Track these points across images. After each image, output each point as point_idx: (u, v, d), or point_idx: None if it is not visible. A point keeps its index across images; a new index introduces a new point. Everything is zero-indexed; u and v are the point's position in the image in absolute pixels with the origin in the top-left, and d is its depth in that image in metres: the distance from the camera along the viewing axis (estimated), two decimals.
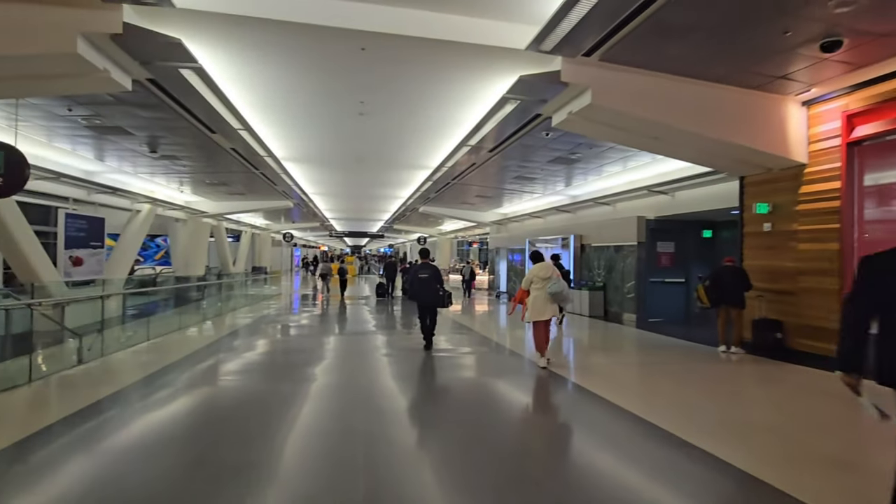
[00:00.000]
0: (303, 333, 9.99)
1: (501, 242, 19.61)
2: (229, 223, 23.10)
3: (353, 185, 16.08)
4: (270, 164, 11.44)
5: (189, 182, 14.14)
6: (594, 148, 8.99)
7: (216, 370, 6.40)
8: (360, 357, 7.31)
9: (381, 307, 14.96)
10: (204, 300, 14.65)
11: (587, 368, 6.73)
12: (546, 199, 15.42)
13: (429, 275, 7.59)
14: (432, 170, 12.44)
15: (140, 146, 9.34)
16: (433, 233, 31.02)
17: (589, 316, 11.74)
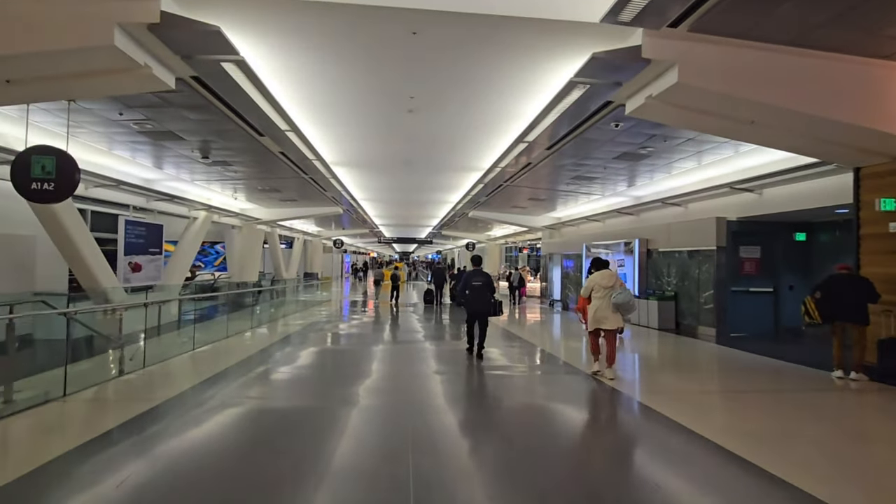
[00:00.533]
0: (352, 343, 9.54)
1: (555, 248, 18.56)
2: (282, 230, 23.47)
3: (402, 189, 15.68)
4: (319, 169, 11.19)
5: (242, 189, 14.25)
6: (669, 140, 7.97)
7: (266, 378, 6.00)
8: (410, 368, 6.71)
9: (429, 315, 14.41)
10: (258, 305, 14.71)
11: (662, 392, 5.75)
12: (605, 201, 14.31)
13: (483, 283, 7.36)
14: (483, 171, 11.76)
15: (192, 152, 9.30)
16: (482, 238, 30.29)
17: (658, 329, 10.57)
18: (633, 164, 9.90)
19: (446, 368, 6.94)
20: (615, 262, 12.91)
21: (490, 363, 7.07)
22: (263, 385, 5.81)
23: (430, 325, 12.13)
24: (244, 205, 16.95)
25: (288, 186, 13.86)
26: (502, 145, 9.31)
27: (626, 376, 6.37)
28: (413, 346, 9.01)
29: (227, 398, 5.06)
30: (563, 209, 17.42)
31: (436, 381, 6.14)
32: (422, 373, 6.64)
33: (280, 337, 9.67)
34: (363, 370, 6.72)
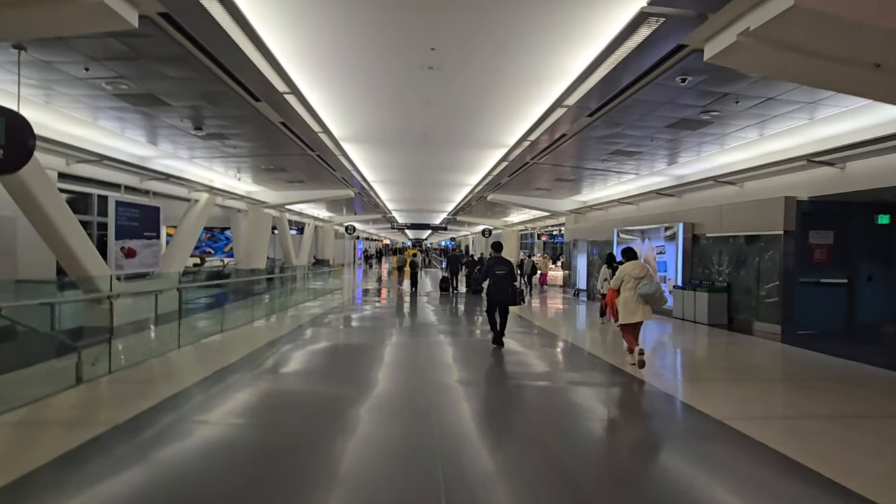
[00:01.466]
0: (369, 338, 8.45)
1: (579, 234, 17.23)
2: (292, 214, 22.46)
3: (417, 169, 14.45)
4: (326, 144, 10.03)
5: (246, 169, 13.15)
6: (742, 101, 6.58)
7: (262, 388, 4.93)
8: (431, 369, 5.57)
9: (445, 303, 13.30)
10: (266, 294, 13.72)
11: (748, 414, 4.51)
12: (640, 182, 12.91)
13: (505, 271, 7.08)
14: (508, 148, 10.47)
15: (182, 122, 8.18)
16: (498, 224, 28.99)
17: (708, 324, 9.28)
18: (682, 137, 8.51)
19: (472, 376, 5.79)
20: (654, 249, 11.60)
21: (528, 370, 5.89)
22: (257, 401, 4.70)
23: (447, 315, 11.00)
24: (250, 187, 15.89)
25: (295, 166, 12.73)
26: (535, 113, 8.02)
27: (690, 384, 5.16)
28: (436, 338, 7.87)
29: (190, 428, 3.88)
30: (589, 192, 16.03)
31: (460, 391, 5.00)
32: (446, 382, 5.50)
33: (285, 331, 8.64)
34: (379, 372, 5.61)
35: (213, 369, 5.50)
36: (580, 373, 6.07)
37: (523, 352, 7.26)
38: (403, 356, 6.92)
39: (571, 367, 6.50)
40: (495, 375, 5.88)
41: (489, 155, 11.77)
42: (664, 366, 6.50)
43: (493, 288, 7.12)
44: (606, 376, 5.71)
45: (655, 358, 7.19)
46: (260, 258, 16.63)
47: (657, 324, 10.26)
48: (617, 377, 5.62)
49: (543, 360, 6.84)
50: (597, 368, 6.16)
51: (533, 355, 7.14)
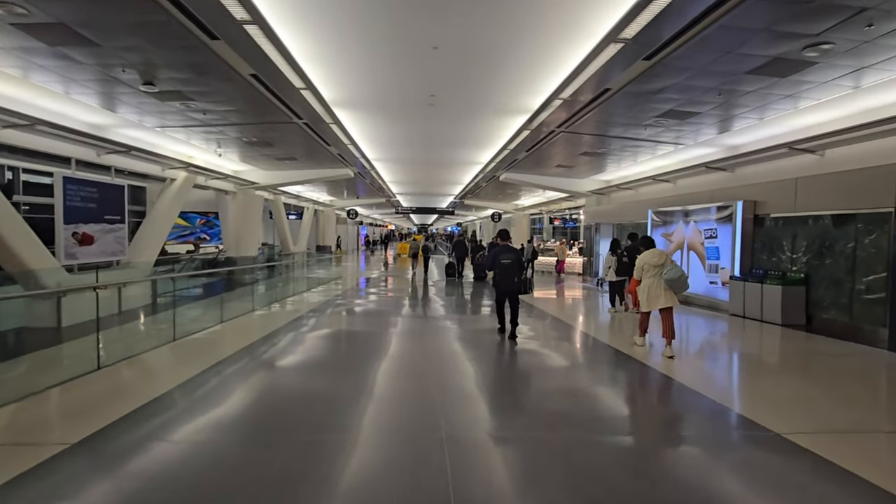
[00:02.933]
0: (380, 337, 6.78)
1: (602, 217, 15.40)
2: (289, 198, 20.73)
3: (423, 145, 12.62)
4: (314, 109, 8.24)
5: (229, 143, 11.35)
6: (879, 24, 4.68)
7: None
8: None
9: (452, 290, 11.66)
10: (258, 284, 12.12)
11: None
12: (681, 156, 11.02)
13: (512, 259, 6.65)
14: (532, 112, 8.63)
15: (125, 72, 6.39)
16: (508, 208, 27.13)
17: (782, 324, 7.49)
18: (762, 89, 6.62)
19: (486, 371, 4.10)
20: (700, 233, 9.77)
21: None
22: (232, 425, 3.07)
23: (454, 301, 9.31)
24: (237, 166, 14.13)
25: (283, 139, 10.95)
26: (573, 60, 6.18)
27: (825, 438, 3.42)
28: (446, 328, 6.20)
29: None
30: (615, 169, 14.13)
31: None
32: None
33: (268, 331, 7.00)
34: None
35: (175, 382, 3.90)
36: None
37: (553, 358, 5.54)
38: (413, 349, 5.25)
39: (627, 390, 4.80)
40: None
41: (507, 124, 9.92)
42: (762, 394, 4.75)
43: (500, 277, 6.63)
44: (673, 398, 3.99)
45: (741, 379, 5.47)
46: (250, 245, 14.97)
47: (707, 320, 8.51)
48: (684, 396, 3.88)
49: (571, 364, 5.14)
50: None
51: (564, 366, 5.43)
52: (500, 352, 6.21)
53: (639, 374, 5.24)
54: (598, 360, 6.00)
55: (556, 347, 6.65)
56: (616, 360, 5.81)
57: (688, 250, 10.12)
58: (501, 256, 6.64)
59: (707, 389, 4.53)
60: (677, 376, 4.95)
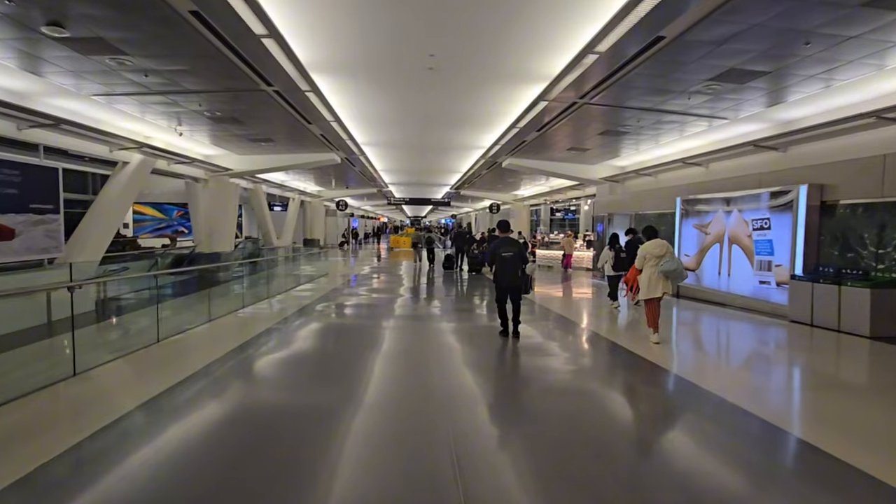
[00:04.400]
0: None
1: (616, 206, 13.84)
2: (271, 187, 18.90)
3: (419, 126, 10.92)
4: (283, 68, 6.51)
5: (190, 119, 9.53)
6: None
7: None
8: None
9: (451, 283, 10.11)
10: (233, 282, 10.43)
11: None
12: (714, 136, 9.44)
13: (514, 253, 6.03)
14: (552, 79, 6.99)
15: (8, 2, 4.63)
16: (507, 199, 25.50)
17: (870, 337, 5.96)
18: (856, 39, 5.04)
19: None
20: (747, 223, 8.22)
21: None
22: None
23: (459, 296, 7.74)
24: (207, 149, 12.33)
25: (253, 115, 9.19)
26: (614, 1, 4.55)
27: None
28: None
29: None
30: (631, 153, 12.54)
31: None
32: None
33: (235, 344, 5.38)
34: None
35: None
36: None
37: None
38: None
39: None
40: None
41: (518, 95, 8.26)
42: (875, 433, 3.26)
43: (501, 272, 6.04)
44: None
45: (832, 408, 3.95)
46: (224, 239, 13.20)
47: (761, 328, 6.98)
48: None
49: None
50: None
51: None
52: (506, 355, 5.40)
53: (679, 391, 4.39)
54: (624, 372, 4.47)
55: (571, 354, 5.07)
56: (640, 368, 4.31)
57: (729, 244, 8.57)
58: (502, 249, 6.04)
59: (783, 420, 3.45)
60: (743, 402, 3.53)
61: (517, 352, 5.64)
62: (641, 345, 5.79)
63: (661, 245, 5.85)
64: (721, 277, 8.81)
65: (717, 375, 5.01)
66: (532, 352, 5.67)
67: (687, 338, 7.01)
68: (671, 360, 5.22)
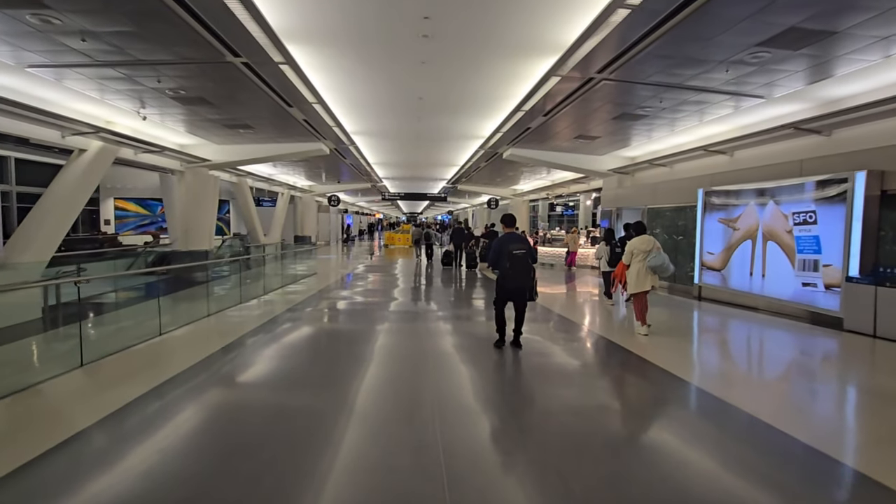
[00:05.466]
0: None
1: (625, 200, 12.78)
2: (257, 181, 17.70)
3: (412, 112, 9.78)
4: (247, 29, 5.37)
5: (154, 100, 8.34)
6: None
7: None
8: None
9: (450, 280, 9.08)
10: (214, 283, 9.34)
11: None
12: (741, 119, 8.39)
13: (524, 251, 5.31)
14: (568, 47, 5.89)
15: None
16: (506, 194, 24.39)
17: None
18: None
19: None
20: (787, 217, 7.16)
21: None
22: None
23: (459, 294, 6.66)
24: (181, 138, 11.15)
25: (223, 95, 8.02)
26: None
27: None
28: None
29: None
30: (643, 142, 11.47)
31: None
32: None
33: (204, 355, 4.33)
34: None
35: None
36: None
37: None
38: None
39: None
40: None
41: (526, 71, 7.15)
42: None
43: (510, 272, 5.32)
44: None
45: None
46: (202, 236, 12.03)
47: (808, 339, 5.95)
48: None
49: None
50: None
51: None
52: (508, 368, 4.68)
53: (709, 410, 3.79)
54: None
55: (580, 363, 4.02)
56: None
57: (764, 241, 7.52)
58: (511, 245, 5.27)
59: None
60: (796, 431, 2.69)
61: (519, 363, 4.61)
62: (659, 354, 4.78)
63: (648, 241, 6.03)
64: (753, 278, 7.77)
65: (754, 393, 4.06)
66: (540, 366, 4.62)
67: (714, 346, 6.00)
68: (692, 371, 4.26)
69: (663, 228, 10.72)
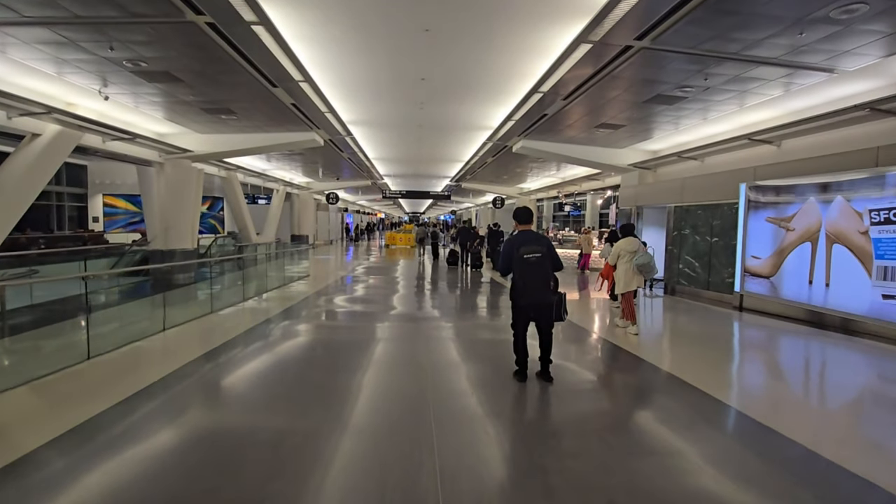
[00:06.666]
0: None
1: (649, 198, 11.56)
2: (251, 176, 16.53)
3: (413, 95, 8.58)
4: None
5: (117, 77, 7.16)
6: None
7: None
8: None
9: (454, 286, 7.97)
10: (196, 286, 8.22)
11: None
12: (793, 103, 7.18)
13: (541, 254, 4.00)
14: (601, 8, 4.71)
15: None
16: (512, 192, 23.18)
17: None
18: None
19: None
20: (860, 215, 5.93)
21: None
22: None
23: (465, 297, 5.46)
24: (159, 126, 9.99)
25: (193, 67, 6.83)
26: None
27: None
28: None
29: None
30: (670, 133, 10.24)
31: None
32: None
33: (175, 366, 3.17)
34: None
35: None
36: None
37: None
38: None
39: None
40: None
41: (547, 42, 5.96)
42: None
43: (524, 283, 3.96)
44: None
45: None
46: (184, 234, 10.87)
47: (887, 360, 4.75)
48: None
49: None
50: None
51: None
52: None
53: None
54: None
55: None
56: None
57: (828, 244, 6.30)
58: (524, 248, 4.01)
59: None
60: None
61: (548, 405, 3.42)
62: (702, 377, 3.61)
63: (634, 242, 6.20)
64: (813, 287, 6.54)
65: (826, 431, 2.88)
66: (580, 415, 3.42)
67: (792, 371, 4.79)
68: (744, 399, 3.11)
69: (693, 229, 9.50)
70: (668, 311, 8.12)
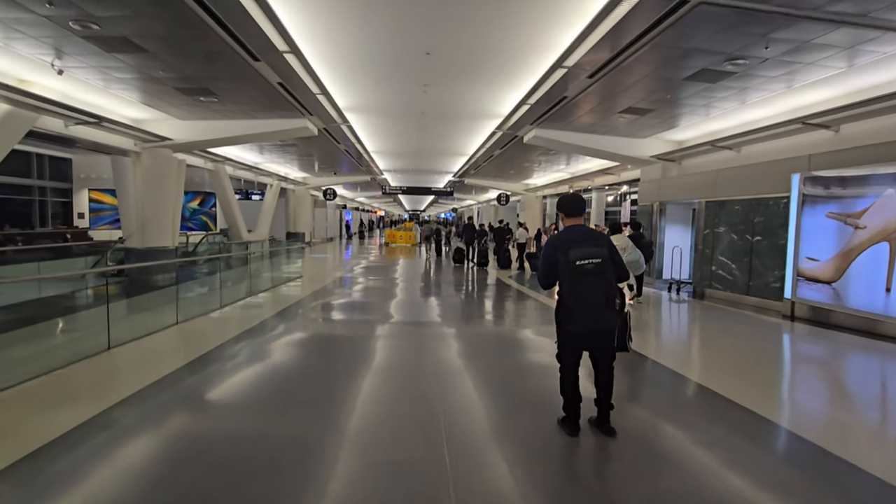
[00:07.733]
0: None
1: (675, 192, 10.52)
2: (241, 169, 15.45)
3: (415, 73, 7.49)
4: None
5: (71, 44, 6.08)
6: None
7: None
8: None
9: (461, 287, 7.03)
10: (175, 288, 7.18)
11: None
12: (856, 80, 6.12)
13: (603, 258, 2.85)
14: None
15: None
16: (517, 189, 22.10)
17: None
18: None
19: None
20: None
21: None
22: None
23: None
24: (135, 111, 8.92)
25: (154, 31, 5.76)
26: None
27: None
28: None
29: None
30: (699, 121, 9.18)
31: None
32: None
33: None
34: None
35: None
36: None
37: None
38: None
39: None
40: None
41: (577, 5, 4.88)
42: None
43: (576, 301, 2.81)
44: None
45: None
46: (162, 231, 9.80)
47: None
48: None
49: None
50: None
51: None
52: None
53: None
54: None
55: None
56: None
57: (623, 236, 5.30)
58: (574, 252, 2.82)
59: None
60: None
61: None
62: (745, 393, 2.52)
63: (623, 239, 6.68)
64: (891, 296, 5.49)
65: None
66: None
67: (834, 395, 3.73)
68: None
69: (730, 226, 8.45)
70: (713, 322, 7.00)
